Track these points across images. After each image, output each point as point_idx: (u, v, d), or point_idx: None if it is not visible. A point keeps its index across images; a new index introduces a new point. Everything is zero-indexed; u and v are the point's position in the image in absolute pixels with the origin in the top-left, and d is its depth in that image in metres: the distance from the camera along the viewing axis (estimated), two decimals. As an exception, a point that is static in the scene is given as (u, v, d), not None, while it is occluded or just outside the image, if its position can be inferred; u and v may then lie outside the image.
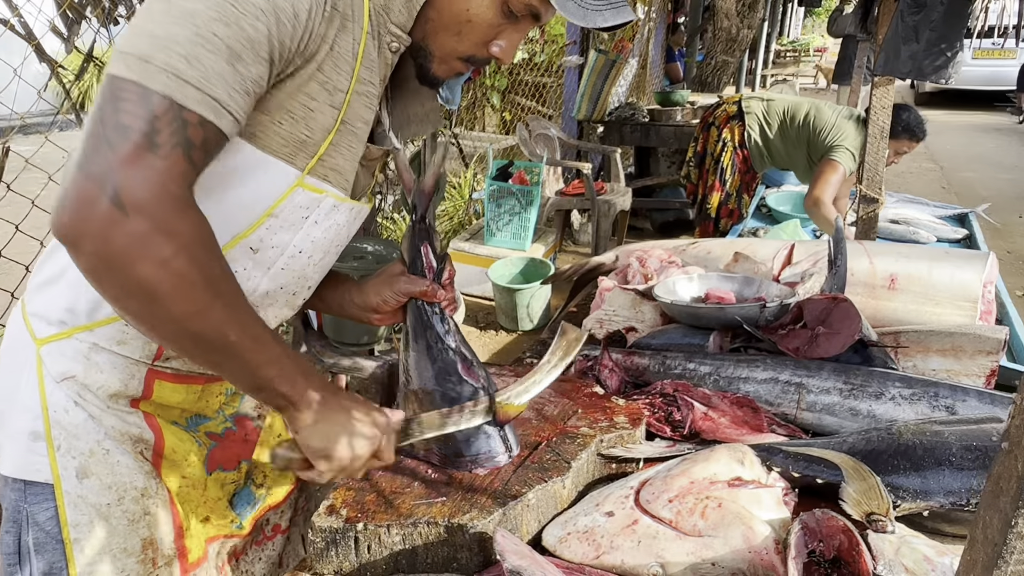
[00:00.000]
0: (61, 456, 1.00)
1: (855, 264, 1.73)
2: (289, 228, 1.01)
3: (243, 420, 1.20)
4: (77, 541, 1.00)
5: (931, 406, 1.25)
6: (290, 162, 0.96)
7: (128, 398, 1.05)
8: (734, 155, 3.77)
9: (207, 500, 1.14)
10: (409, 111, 1.16)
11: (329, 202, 1.04)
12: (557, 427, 1.21)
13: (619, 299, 1.76)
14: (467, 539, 1.00)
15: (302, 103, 0.93)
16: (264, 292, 1.05)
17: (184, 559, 1.09)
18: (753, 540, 0.94)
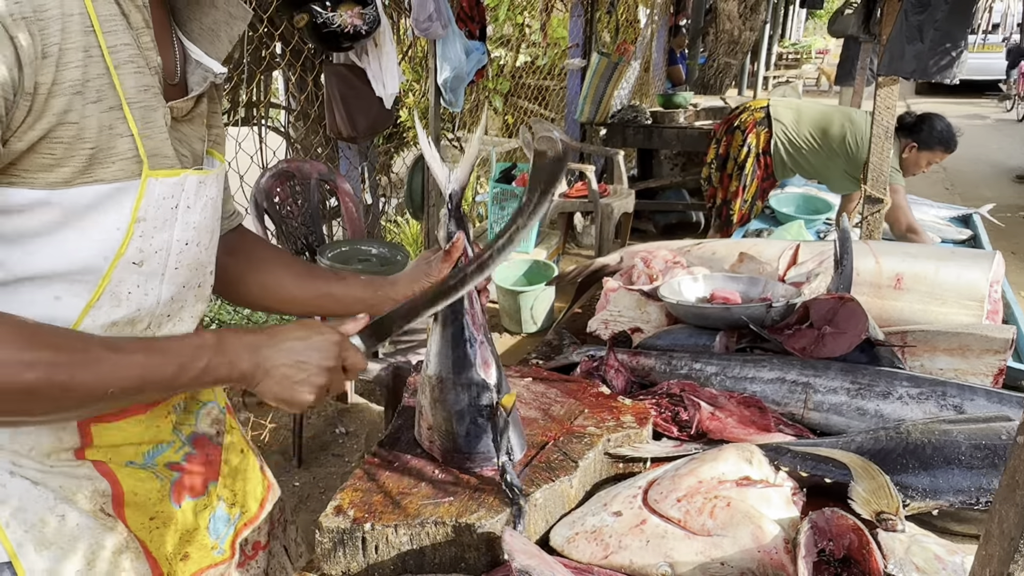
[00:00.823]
0: (11, 533, 0.91)
1: (861, 264, 1.73)
2: (164, 226, 0.93)
3: (202, 441, 1.13)
4: None
5: (939, 405, 1.25)
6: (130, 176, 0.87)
7: (69, 451, 0.95)
8: (756, 162, 3.74)
9: (182, 534, 1.08)
10: (206, 23, 1.03)
11: (192, 180, 0.96)
12: (564, 427, 1.21)
13: (624, 300, 1.76)
14: (475, 539, 1.00)
15: (59, 122, 0.82)
16: (169, 298, 0.98)
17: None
18: (763, 539, 0.93)
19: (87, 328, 0.90)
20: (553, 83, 7.10)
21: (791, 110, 3.68)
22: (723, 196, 3.96)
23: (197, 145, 1.02)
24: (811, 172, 3.70)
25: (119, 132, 0.87)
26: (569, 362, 1.61)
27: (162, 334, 0.99)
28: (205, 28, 1.02)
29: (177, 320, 1.02)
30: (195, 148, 1.01)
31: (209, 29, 1.02)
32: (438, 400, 1.13)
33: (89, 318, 0.90)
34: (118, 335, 0.92)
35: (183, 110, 0.97)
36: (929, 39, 1.92)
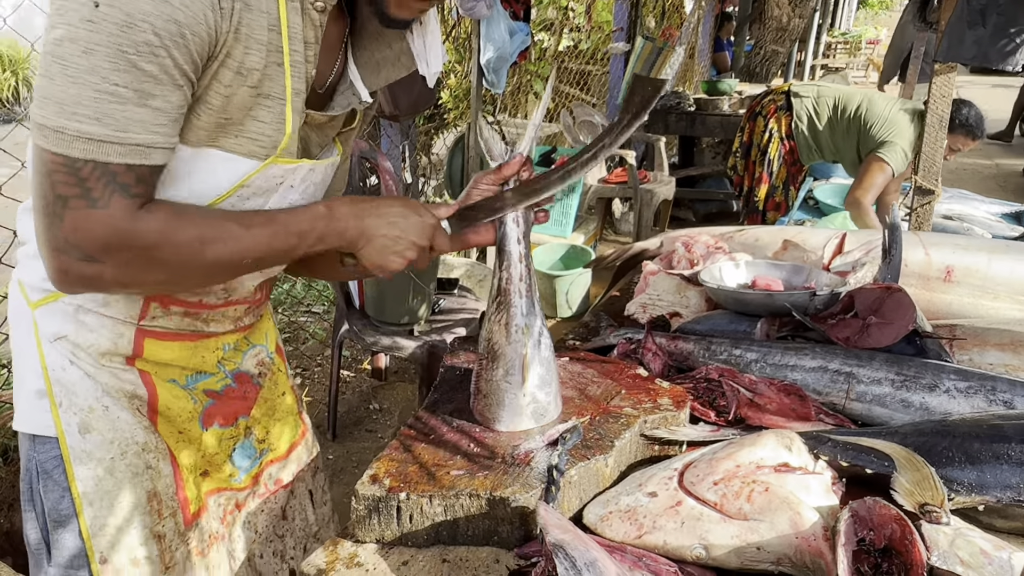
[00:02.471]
0: (63, 412, 1.05)
1: (910, 255, 1.69)
2: (262, 194, 1.04)
3: (243, 377, 1.23)
4: (85, 494, 1.06)
5: (988, 400, 1.21)
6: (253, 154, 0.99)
7: (121, 356, 1.08)
8: (780, 146, 3.69)
9: (204, 455, 1.17)
10: (376, 56, 1.13)
11: (304, 168, 1.07)
12: (600, 407, 1.20)
13: (664, 284, 1.74)
14: (508, 513, 1.00)
15: (216, 91, 0.93)
16: None
17: (186, 510, 1.15)
18: (801, 526, 0.92)
19: None
20: (595, 68, 7.03)
21: (811, 92, 3.63)
22: (748, 183, 3.92)
23: (313, 149, 1.13)
24: (830, 153, 3.64)
25: (257, 117, 0.98)
26: (606, 344, 1.60)
27: (228, 285, 1.12)
28: (373, 60, 1.14)
29: (248, 276, 1.13)
30: (311, 150, 1.12)
31: (375, 62, 1.14)
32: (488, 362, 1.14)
33: None
34: None
35: (317, 120, 1.09)
36: (992, 24, 1.85)
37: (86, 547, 1.06)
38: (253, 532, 1.29)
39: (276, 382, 1.33)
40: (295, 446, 1.35)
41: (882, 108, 3.33)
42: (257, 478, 1.27)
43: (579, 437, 1.10)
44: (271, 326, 1.36)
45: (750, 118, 3.87)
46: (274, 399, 1.29)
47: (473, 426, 1.16)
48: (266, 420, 1.28)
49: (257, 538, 1.30)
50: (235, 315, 1.21)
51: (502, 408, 1.13)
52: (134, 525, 1.09)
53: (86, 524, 1.06)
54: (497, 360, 1.13)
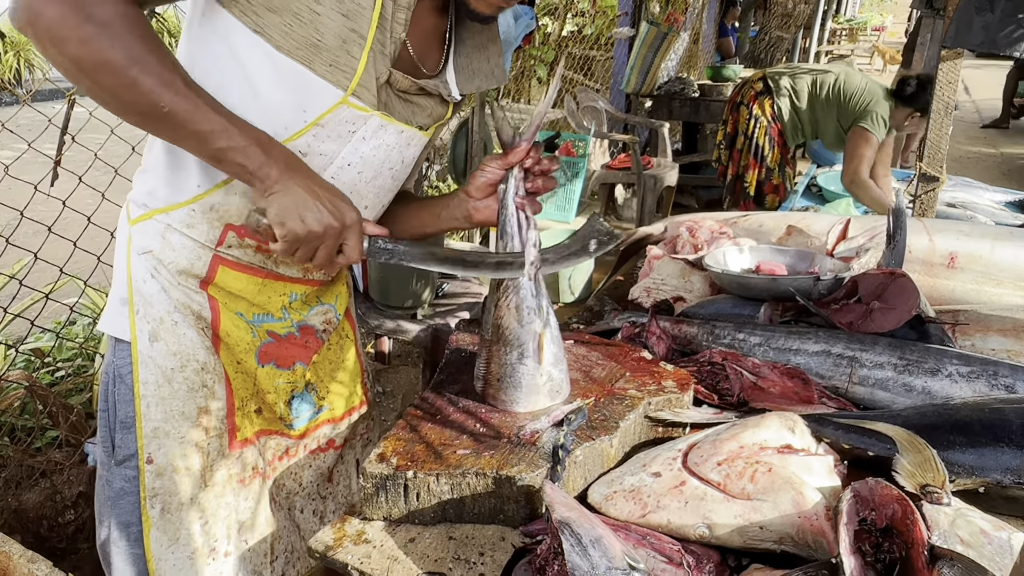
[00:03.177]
0: (139, 319, 1.13)
1: (914, 241, 1.69)
2: (336, 139, 1.08)
3: (308, 329, 1.28)
4: (144, 396, 1.13)
5: (990, 385, 1.22)
6: (325, 77, 1.02)
7: (196, 278, 1.15)
8: (769, 129, 3.73)
9: (258, 391, 1.22)
10: (474, 65, 1.19)
11: (375, 121, 1.10)
12: (605, 388, 1.21)
13: (668, 268, 1.74)
14: (514, 491, 1.01)
15: (307, 6, 0.99)
16: None
17: (233, 435, 1.21)
18: (803, 505, 0.93)
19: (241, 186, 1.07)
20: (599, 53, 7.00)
21: (786, 74, 3.70)
22: (734, 171, 3.96)
23: (422, 120, 1.17)
24: (812, 130, 3.71)
25: (349, 51, 1.03)
26: (610, 328, 1.61)
27: None
28: (468, 66, 1.20)
29: None
30: (418, 118, 1.17)
31: (471, 69, 1.20)
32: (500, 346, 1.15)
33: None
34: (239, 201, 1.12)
35: (399, 84, 1.11)
36: (1000, 9, 1.84)
37: (137, 444, 1.14)
38: (297, 484, 1.34)
39: (342, 346, 1.38)
40: (352, 412, 1.40)
41: (858, 81, 3.49)
42: (309, 432, 1.32)
43: (584, 418, 1.11)
44: (344, 290, 1.39)
45: (732, 109, 3.89)
46: (339, 361, 1.34)
47: (479, 406, 1.17)
48: (328, 380, 1.33)
49: (300, 491, 1.35)
50: (305, 265, 1.20)
51: (519, 390, 1.14)
52: (182, 434, 1.15)
53: (141, 423, 1.14)
54: (509, 343, 1.14)
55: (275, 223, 1.01)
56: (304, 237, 1.01)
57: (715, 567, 0.95)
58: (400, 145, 1.17)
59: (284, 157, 1.01)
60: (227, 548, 1.22)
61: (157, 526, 1.16)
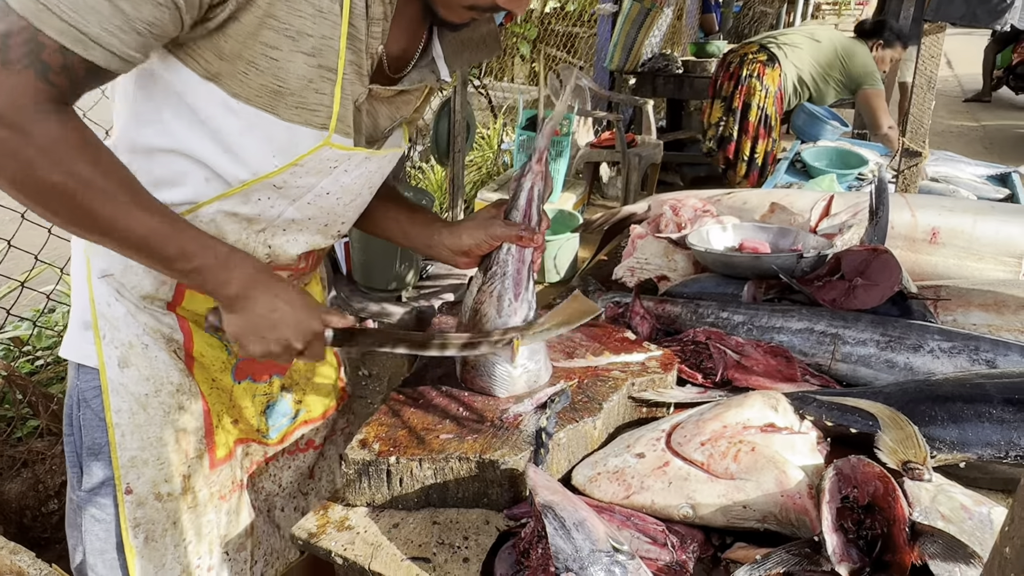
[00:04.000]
0: (106, 345, 1.08)
1: (896, 216, 1.69)
2: (315, 174, 1.03)
3: None
4: (118, 425, 1.08)
5: (971, 360, 1.22)
6: (293, 120, 0.96)
7: (162, 300, 1.10)
8: (775, 99, 3.80)
9: (235, 406, 1.19)
10: (462, 36, 1.14)
11: (359, 156, 1.06)
12: (588, 370, 1.20)
13: (651, 247, 1.74)
14: (498, 475, 1.01)
15: (262, 52, 0.91)
16: (290, 219, 1.08)
17: (213, 453, 1.17)
18: (786, 484, 0.93)
19: (211, 211, 1.02)
20: (582, 30, 6.94)
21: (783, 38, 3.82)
22: (750, 146, 3.97)
23: (383, 122, 1.12)
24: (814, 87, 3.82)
25: (319, 89, 0.96)
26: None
27: (275, 243, 1.10)
28: (457, 40, 1.13)
29: (292, 238, 1.11)
30: (380, 124, 1.11)
31: (460, 43, 1.14)
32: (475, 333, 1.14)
33: (217, 203, 1.02)
34: (235, 224, 1.05)
35: (382, 95, 1.07)
36: (981, -18, 1.83)
37: (114, 476, 1.09)
38: (276, 486, 1.31)
39: None
40: (330, 411, 1.37)
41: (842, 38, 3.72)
42: (288, 436, 1.29)
43: (567, 400, 1.11)
44: (318, 290, 1.36)
45: (737, 83, 3.88)
46: (315, 364, 1.30)
47: (462, 391, 1.16)
48: (304, 383, 1.30)
49: (280, 492, 1.32)
50: None
51: (493, 379, 1.13)
52: (162, 461, 1.11)
53: (116, 453, 1.09)
54: (486, 332, 1.13)
55: (233, 339, 1.01)
56: (262, 355, 1.01)
57: (699, 546, 0.95)
58: (382, 167, 1.14)
59: (244, 275, 0.97)
60: (210, 563, 1.19)
61: (142, 555, 1.12)
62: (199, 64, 0.93)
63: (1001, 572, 0.46)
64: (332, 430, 1.38)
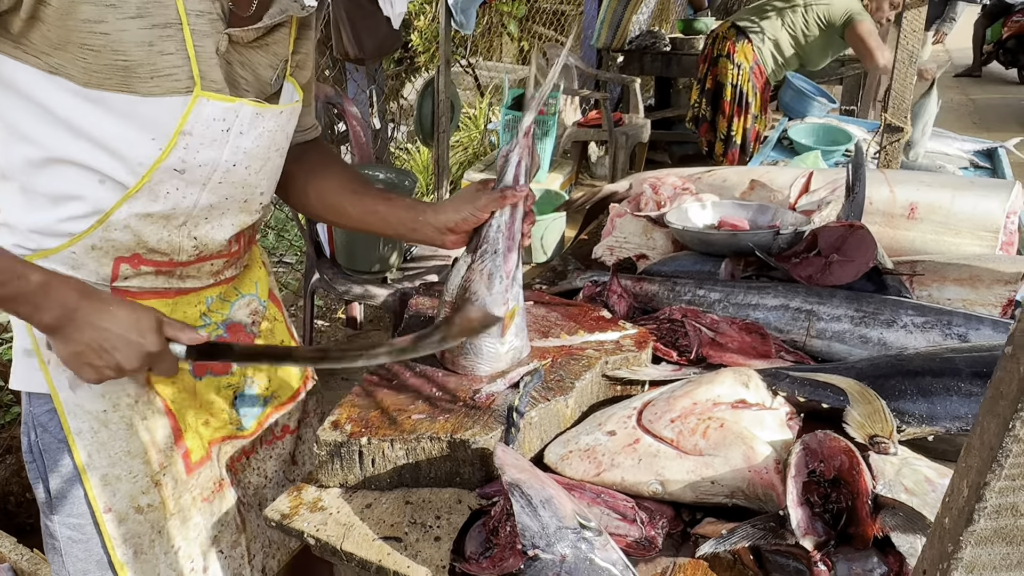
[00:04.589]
0: (52, 369, 1.04)
1: (875, 192, 1.69)
2: (211, 144, 0.98)
3: (236, 327, 1.21)
4: (82, 447, 1.06)
5: (944, 334, 1.23)
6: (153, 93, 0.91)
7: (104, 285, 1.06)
8: (752, 75, 3.68)
9: (202, 404, 1.17)
10: None
11: (247, 111, 1.00)
12: (562, 349, 1.20)
13: (630, 226, 1.73)
14: (469, 454, 1.01)
15: (88, 31, 0.86)
16: (208, 205, 1.05)
17: (187, 459, 1.15)
18: (754, 459, 0.94)
19: (122, 217, 0.98)
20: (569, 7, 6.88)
21: (751, 12, 3.68)
22: (727, 125, 3.89)
23: (264, 72, 1.06)
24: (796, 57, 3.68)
25: (164, 50, 0.91)
26: (573, 287, 1.60)
27: (200, 233, 1.07)
28: None
29: (216, 224, 1.08)
30: (260, 74, 1.05)
31: None
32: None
33: (125, 206, 0.98)
34: (153, 226, 1.01)
35: (245, 38, 1.00)
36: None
37: (88, 497, 1.07)
38: (263, 478, 1.30)
39: (273, 331, 1.31)
40: (299, 392, 1.35)
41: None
42: (261, 426, 1.28)
43: (540, 379, 1.11)
44: (263, 274, 1.33)
45: (710, 64, 3.82)
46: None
47: (436, 370, 1.16)
48: (268, 369, 1.28)
49: (268, 483, 1.31)
50: (212, 269, 1.16)
51: (479, 356, 1.13)
52: (134, 474, 1.10)
53: (87, 475, 1.07)
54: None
55: (66, 365, 0.97)
56: (97, 382, 0.98)
57: (668, 522, 0.96)
58: (282, 125, 1.08)
59: (63, 303, 0.93)
60: (204, 564, 1.20)
61: (132, 569, 1.11)
62: (38, 59, 0.88)
63: (940, 542, 0.46)
64: (304, 412, 1.37)
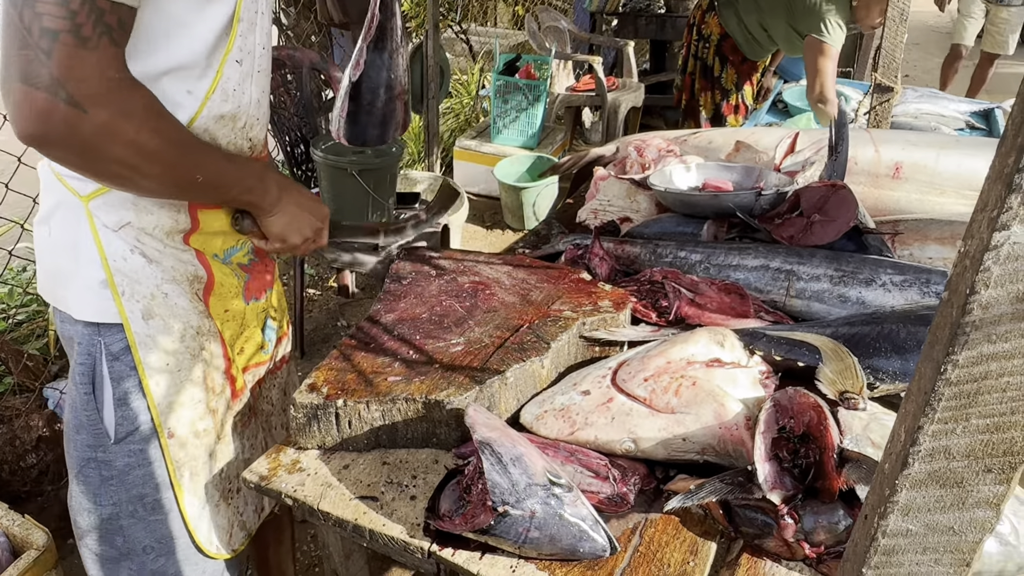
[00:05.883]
0: (127, 301, 1.09)
1: (860, 152, 1.68)
2: (251, 28, 1.05)
3: (260, 251, 1.26)
4: (151, 375, 1.12)
5: (922, 292, 1.23)
6: None
7: (181, 233, 1.11)
8: (721, 47, 3.51)
9: (245, 330, 1.25)
10: None
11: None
12: (540, 311, 1.21)
13: (614, 188, 1.72)
14: (444, 415, 1.02)
15: None
16: (256, 100, 1.12)
17: (233, 386, 1.24)
18: (724, 416, 0.95)
19: (203, 118, 1.05)
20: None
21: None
22: (687, 96, 3.77)
23: None
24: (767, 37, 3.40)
25: None
26: (556, 251, 1.60)
27: (253, 135, 1.14)
28: None
29: (260, 124, 1.16)
30: None
31: None
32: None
33: (206, 109, 1.03)
34: (225, 128, 1.08)
35: None
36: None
37: (155, 423, 1.13)
38: (270, 405, 1.38)
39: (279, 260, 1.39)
40: (289, 326, 1.44)
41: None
42: (277, 351, 1.36)
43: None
44: None
45: (689, 31, 3.70)
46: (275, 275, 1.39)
47: (414, 333, 1.17)
48: (276, 298, 1.37)
49: (274, 410, 1.39)
50: None
51: None
52: (195, 401, 1.17)
53: (155, 402, 1.12)
54: None
55: (276, 239, 1.17)
56: (301, 243, 1.19)
57: (641, 479, 0.97)
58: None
59: (277, 182, 1.13)
60: (238, 485, 1.28)
61: (188, 490, 1.19)
62: None
63: (880, 487, 0.47)
64: (291, 344, 1.44)
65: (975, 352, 0.39)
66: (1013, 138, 0.37)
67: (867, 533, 0.47)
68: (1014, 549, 0.82)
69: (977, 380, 0.40)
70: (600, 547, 0.85)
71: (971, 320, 0.39)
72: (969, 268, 0.39)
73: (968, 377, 0.40)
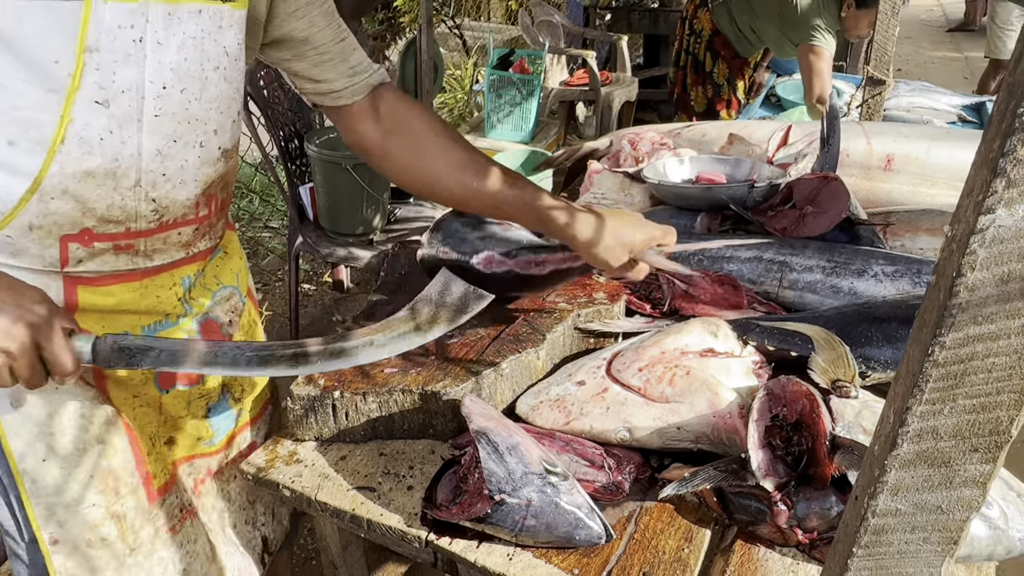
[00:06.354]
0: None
1: (852, 144, 1.69)
2: (125, 61, 0.84)
3: (211, 326, 1.08)
4: (25, 473, 0.94)
5: (913, 283, 1.24)
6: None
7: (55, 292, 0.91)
8: (712, 43, 3.54)
9: (167, 420, 1.06)
10: None
11: (157, 10, 0.84)
12: (535, 303, 1.21)
13: (608, 182, 1.73)
14: (441, 406, 1.03)
15: None
16: (156, 152, 0.89)
17: (149, 486, 1.03)
18: (718, 405, 0.95)
19: (55, 177, 0.83)
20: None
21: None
22: (679, 90, 3.81)
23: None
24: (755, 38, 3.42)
25: None
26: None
27: (157, 194, 0.92)
28: None
29: (178, 183, 0.93)
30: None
31: None
32: None
33: (56, 164, 0.83)
34: (98, 188, 0.87)
35: None
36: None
37: (32, 527, 0.96)
38: (227, 501, 1.18)
39: (251, 335, 1.18)
40: (267, 407, 1.23)
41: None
42: (231, 441, 1.16)
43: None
44: (242, 266, 1.17)
45: (681, 25, 3.73)
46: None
47: (409, 326, 1.17)
48: (243, 379, 1.14)
49: (231, 507, 1.19)
50: (181, 240, 1.00)
51: None
52: (87, 504, 0.97)
53: (30, 503, 0.94)
54: None
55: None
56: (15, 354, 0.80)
57: (636, 468, 0.98)
58: (210, 31, 0.90)
59: None
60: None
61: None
62: None
63: (869, 468, 0.48)
64: (271, 427, 1.25)
65: (962, 334, 0.40)
66: (998, 124, 0.38)
67: (857, 513, 0.48)
68: (1003, 533, 0.83)
69: (964, 361, 0.41)
70: (596, 535, 0.86)
71: (958, 302, 0.40)
72: (956, 251, 0.40)
73: (955, 358, 0.41)
